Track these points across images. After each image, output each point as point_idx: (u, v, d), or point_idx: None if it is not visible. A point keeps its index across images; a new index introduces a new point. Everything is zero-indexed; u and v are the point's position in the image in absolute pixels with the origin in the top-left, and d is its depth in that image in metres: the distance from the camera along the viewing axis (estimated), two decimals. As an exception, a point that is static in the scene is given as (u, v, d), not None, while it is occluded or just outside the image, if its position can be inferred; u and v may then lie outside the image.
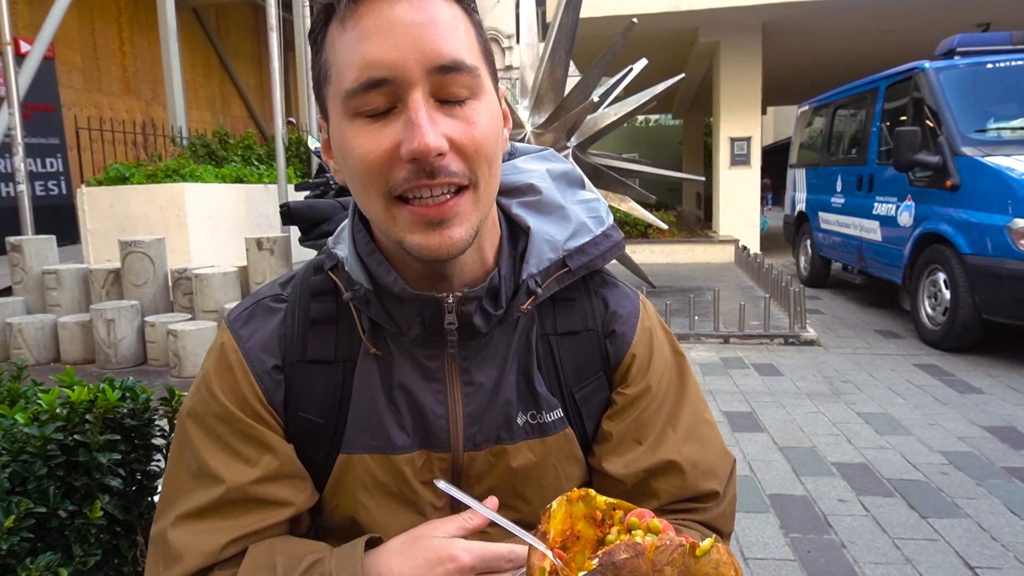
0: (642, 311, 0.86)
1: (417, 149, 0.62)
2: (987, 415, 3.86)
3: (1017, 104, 5.45)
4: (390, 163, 0.64)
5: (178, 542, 0.71)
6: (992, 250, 4.75)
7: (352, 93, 0.64)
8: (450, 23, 0.64)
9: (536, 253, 0.78)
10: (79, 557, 0.95)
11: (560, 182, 0.87)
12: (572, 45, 6.79)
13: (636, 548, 0.53)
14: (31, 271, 5.45)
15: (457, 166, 0.65)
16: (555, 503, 0.62)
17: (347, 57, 0.64)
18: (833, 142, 7.97)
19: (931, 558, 2.43)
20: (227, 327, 0.80)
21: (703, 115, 19.18)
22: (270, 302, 0.81)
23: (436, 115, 0.64)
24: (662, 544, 0.54)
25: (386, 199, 0.66)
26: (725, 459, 0.86)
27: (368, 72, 0.63)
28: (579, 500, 0.62)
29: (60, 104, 9.77)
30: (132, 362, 4.87)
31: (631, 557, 0.53)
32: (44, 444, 0.95)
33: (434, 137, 0.62)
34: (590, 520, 0.62)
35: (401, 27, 0.62)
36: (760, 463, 3.29)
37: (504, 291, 0.76)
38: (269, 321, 0.79)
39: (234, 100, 15.01)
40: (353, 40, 0.63)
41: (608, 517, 0.62)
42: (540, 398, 0.79)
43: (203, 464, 0.74)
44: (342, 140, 0.67)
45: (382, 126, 0.64)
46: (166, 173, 6.92)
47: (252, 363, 0.77)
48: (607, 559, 0.53)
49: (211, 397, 0.76)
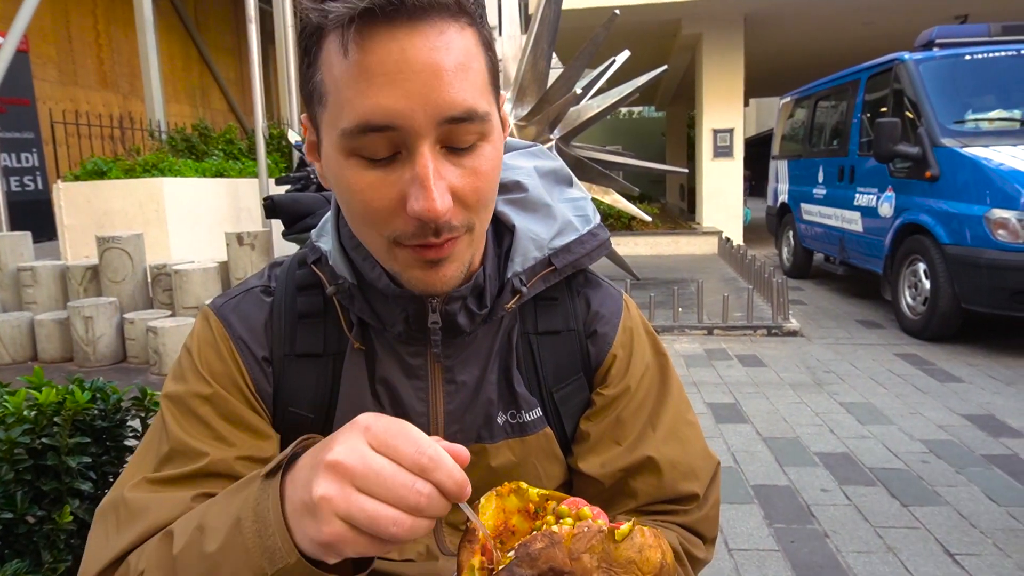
0: (624, 311, 0.85)
1: (425, 215, 0.59)
2: (966, 403, 3.90)
3: (995, 95, 5.50)
4: (393, 212, 0.62)
5: (140, 500, 0.66)
6: (971, 240, 4.80)
7: (351, 134, 0.59)
8: (463, 63, 0.59)
9: (521, 251, 0.77)
10: (48, 563, 0.92)
11: (548, 180, 0.85)
12: (554, 37, 6.76)
13: (552, 537, 0.52)
14: (6, 268, 5.35)
15: (459, 219, 0.63)
16: (483, 498, 0.60)
17: (348, 94, 0.58)
18: (815, 133, 8.02)
19: (912, 546, 2.46)
20: (214, 313, 0.77)
21: (686, 107, 19.22)
22: (259, 293, 0.79)
23: (442, 166, 0.60)
24: (579, 531, 0.52)
25: (388, 241, 0.64)
26: (707, 461, 0.84)
27: (372, 118, 0.58)
28: (511, 493, 0.60)
29: (35, 98, 9.59)
30: (111, 360, 4.80)
31: (546, 547, 0.51)
32: (11, 448, 0.92)
33: (442, 201, 0.59)
34: (524, 514, 0.60)
35: (411, 72, 0.57)
36: (744, 454, 3.30)
37: (489, 290, 0.75)
38: (258, 311, 0.78)
39: (214, 93, 14.82)
40: (355, 77, 0.58)
41: (541, 509, 0.60)
42: (519, 397, 0.78)
43: (180, 444, 0.70)
44: (339, 173, 0.63)
45: (385, 173, 0.61)
46: (145, 168, 6.82)
47: (242, 351, 0.75)
48: (523, 550, 0.52)
49: (198, 379, 0.73)
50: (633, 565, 0.52)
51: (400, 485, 0.50)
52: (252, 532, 0.55)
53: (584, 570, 0.51)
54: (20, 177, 9.26)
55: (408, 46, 0.57)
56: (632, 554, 0.52)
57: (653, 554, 0.53)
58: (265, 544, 0.54)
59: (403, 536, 0.50)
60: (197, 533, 0.59)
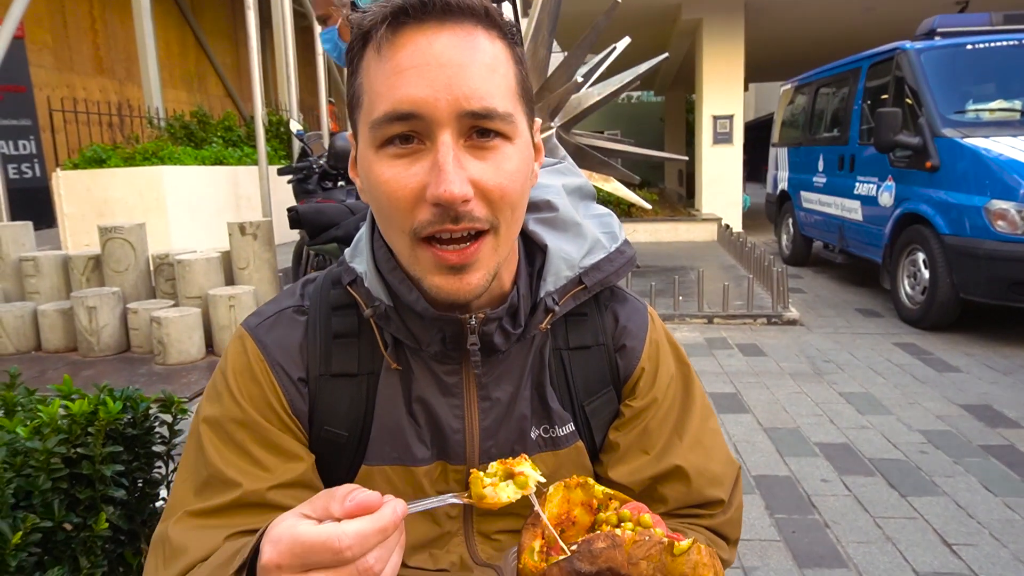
0: (650, 324, 0.87)
1: (442, 196, 0.61)
2: (964, 393, 3.95)
3: (995, 85, 5.51)
4: (415, 203, 0.64)
5: (181, 536, 0.71)
6: (970, 230, 4.82)
7: (379, 123, 0.63)
8: (489, 64, 0.63)
9: (553, 271, 0.79)
10: (86, 570, 0.95)
11: (574, 196, 0.88)
12: (555, 24, 6.72)
13: (615, 539, 0.55)
14: (8, 258, 5.35)
15: (481, 211, 0.65)
16: (552, 487, 0.63)
17: (380, 88, 0.63)
18: (815, 121, 8.01)
19: (911, 536, 2.51)
20: (249, 334, 0.79)
21: (685, 92, 19.15)
22: (293, 313, 0.81)
23: (464, 157, 0.63)
24: (640, 539, 0.55)
25: (411, 238, 0.66)
26: (730, 467, 0.88)
27: (398, 106, 0.62)
28: (578, 487, 0.64)
29: (31, 84, 9.52)
30: (115, 350, 4.82)
31: (608, 547, 0.54)
32: (47, 458, 0.95)
33: (459, 184, 0.62)
34: (587, 507, 0.63)
35: (437, 66, 0.61)
36: (745, 444, 3.35)
37: (523, 309, 0.77)
38: (293, 332, 0.79)
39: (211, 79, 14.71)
40: (387, 72, 0.62)
41: (604, 506, 0.63)
42: (553, 413, 0.81)
43: (216, 471, 0.73)
44: (369, 169, 0.67)
45: (409, 163, 0.64)
46: (144, 156, 6.80)
47: (277, 373, 0.77)
48: (585, 546, 0.55)
49: (233, 404, 0.75)
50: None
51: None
52: None
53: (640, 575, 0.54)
54: (18, 165, 9.22)
55: (435, 41, 0.61)
56: (687, 569, 0.55)
57: (706, 572, 0.56)
58: None
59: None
60: None
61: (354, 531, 0.51)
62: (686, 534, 0.80)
